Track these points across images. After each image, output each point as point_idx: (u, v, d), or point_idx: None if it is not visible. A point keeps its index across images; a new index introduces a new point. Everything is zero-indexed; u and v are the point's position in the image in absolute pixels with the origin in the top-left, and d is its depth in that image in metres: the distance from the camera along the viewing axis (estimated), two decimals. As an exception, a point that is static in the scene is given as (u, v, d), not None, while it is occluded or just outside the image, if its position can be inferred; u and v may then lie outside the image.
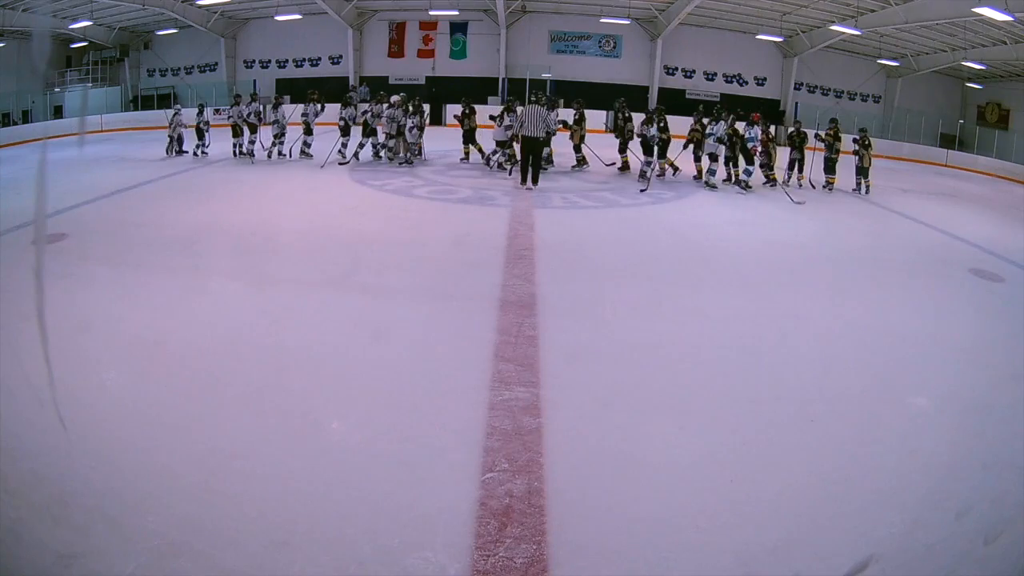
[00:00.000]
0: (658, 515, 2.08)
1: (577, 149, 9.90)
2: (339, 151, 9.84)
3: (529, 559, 1.84)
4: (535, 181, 8.08)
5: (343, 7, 17.65)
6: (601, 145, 10.22)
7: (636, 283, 4.68)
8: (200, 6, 16.94)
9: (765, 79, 19.18)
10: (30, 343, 1.63)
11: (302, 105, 10.27)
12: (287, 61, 19.56)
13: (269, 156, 10.22)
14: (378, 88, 17.63)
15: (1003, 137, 17.40)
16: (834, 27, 15.30)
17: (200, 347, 3.25)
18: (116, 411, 2.58)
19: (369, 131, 10.03)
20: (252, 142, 10.37)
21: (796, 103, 18.89)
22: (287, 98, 11.08)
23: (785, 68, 19.02)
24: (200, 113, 10.70)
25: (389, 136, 9.93)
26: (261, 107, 10.83)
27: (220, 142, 10.60)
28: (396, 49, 19.24)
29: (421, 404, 2.75)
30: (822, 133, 9.59)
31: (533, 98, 9.18)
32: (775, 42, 17.98)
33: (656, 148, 9.01)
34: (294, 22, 17.67)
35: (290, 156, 10.26)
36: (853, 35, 15.45)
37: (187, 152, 10.62)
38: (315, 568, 1.80)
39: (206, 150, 10.53)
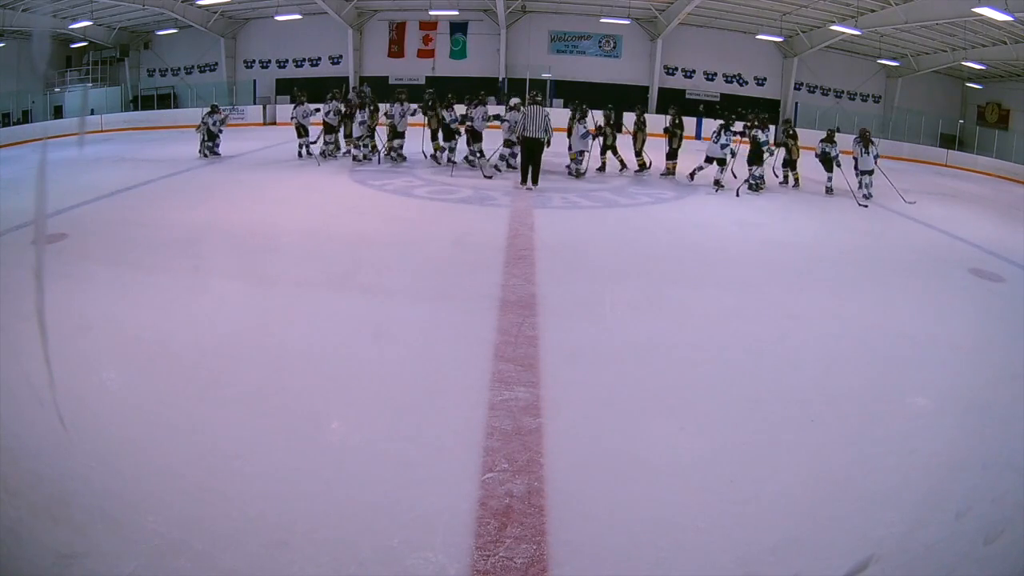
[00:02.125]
0: (658, 515, 2.08)
1: (613, 151, 9.88)
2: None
3: (529, 559, 1.84)
4: (535, 181, 8.08)
5: (343, 7, 17.66)
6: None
7: (636, 283, 4.68)
8: (200, 6, 16.95)
9: (765, 79, 19.19)
10: (30, 343, 1.63)
11: (387, 105, 9.92)
12: (287, 61, 19.57)
13: (355, 160, 9.70)
14: (378, 88, 17.67)
15: (1003, 137, 17.40)
16: (834, 27, 15.31)
17: (200, 347, 3.25)
18: (116, 411, 2.58)
19: (397, 134, 9.79)
20: (330, 143, 10.00)
21: (796, 103, 18.91)
22: (368, 91, 10.29)
23: (785, 68, 19.03)
24: (214, 112, 10.56)
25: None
26: (341, 106, 10.16)
27: (232, 142, 10.58)
28: (396, 49, 19.26)
29: (421, 404, 2.75)
30: (781, 133, 9.78)
31: (540, 98, 9.15)
32: (775, 42, 18.00)
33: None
34: (294, 22, 17.69)
35: (379, 162, 9.71)
36: (853, 35, 15.46)
37: (219, 153, 10.44)
38: (315, 568, 1.80)
39: (217, 151, 10.44)
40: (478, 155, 9.54)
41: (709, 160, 9.08)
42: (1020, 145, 16.62)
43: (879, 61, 17.81)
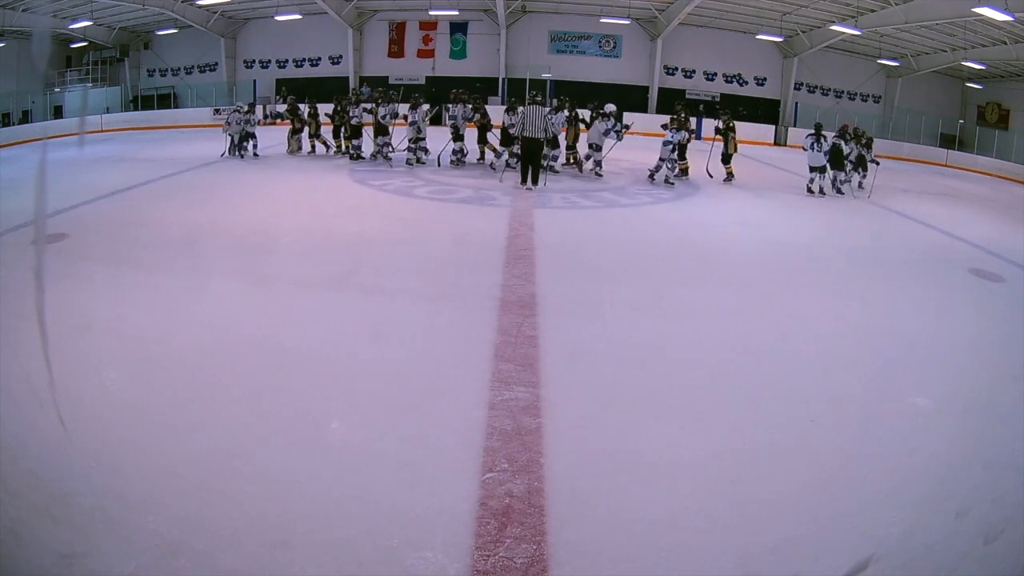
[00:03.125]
0: (658, 515, 2.08)
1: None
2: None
3: (529, 559, 1.84)
4: (535, 181, 8.08)
5: (343, 7, 17.66)
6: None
7: (636, 283, 4.68)
8: (200, 6, 16.96)
9: (765, 79, 19.20)
10: (30, 343, 1.63)
11: (452, 106, 9.89)
12: (287, 61, 19.58)
13: (409, 163, 9.59)
14: (378, 89, 17.65)
15: (1003, 137, 17.41)
16: (834, 27, 15.32)
17: (200, 347, 3.25)
18: (116, 411, 2.58)
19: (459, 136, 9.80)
20: (385, 144, 9.82)
21: (796, 103, 18.91)
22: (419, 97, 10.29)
23: (785, 68, 19.04)
24: (249, 111, 10.35)
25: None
26: (397, 108, 9.93)
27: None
28: (396, 49, 19.26)
29: (421, 404, 2.75)
30: (720, 125, 9.73)
31: (539, 98, 9.15)
32: (775, 42, 18.00)
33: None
34: (294, 22, 17.70)
35: (439, 163, 9.66)
36: (853, 35, 15.46)
37: (248, 153, 10.24)
38: (315, 568, 1.80)
39: (257, 152, 10.28)
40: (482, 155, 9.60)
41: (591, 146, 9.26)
42: (1020, 145, 16.63)
43: (879, 61, 17.82)
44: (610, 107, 9.32)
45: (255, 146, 10.36)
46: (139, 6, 15.36)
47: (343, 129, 10.51)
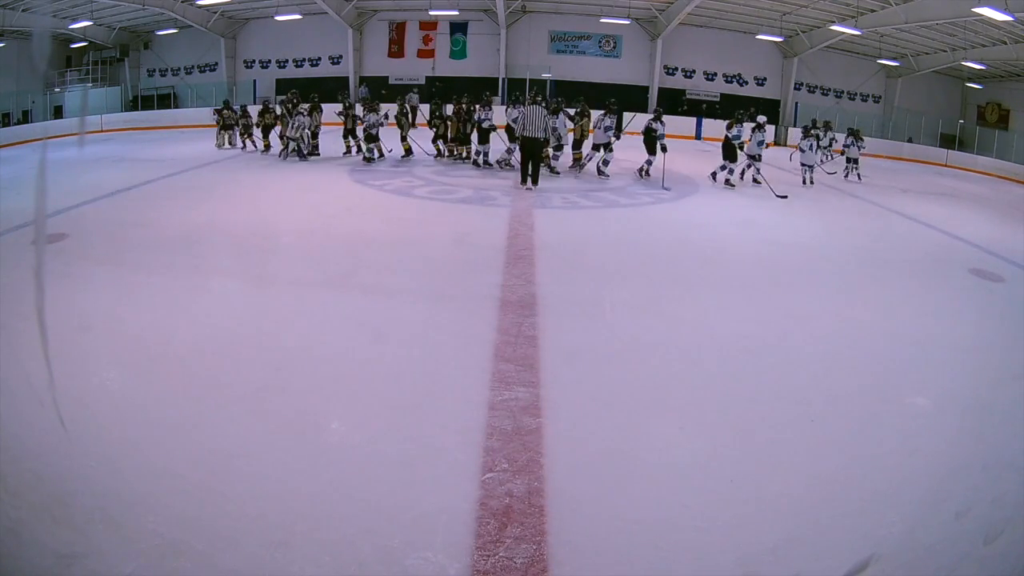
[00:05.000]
0: (658, 515, 2.08)
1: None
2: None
3: (529, 559, 1.84)
4: (535, 181, 8.08)
5: (343, 7, 17.65)
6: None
7: (636, 283, 4.68)
8: (200, 6, 16.95)
9: (765, 79, 19.19)
10: (30, 343, 1.63)
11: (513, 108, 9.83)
12: (287, 61, 19.57)
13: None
14: (378, 88, 17.66)
15: (1003, 137, 17.41)
16: (834, 27, 15.31)
17: (200, 347, 3.25)
18: (116, 411, 2.58)
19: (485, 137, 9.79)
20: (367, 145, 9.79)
21: (796, 103, 18.92)
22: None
23: (785, 68, 19.03)
24: (374, 110, 9.81)
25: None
26: (382, 119, 9.95)
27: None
28: (396, 49, 19.25)
29: (421, 404, 2.75)
30: (573, 112, 9.95)
31: (539, 98, 9.15)
32: (775, 42, 17.99)
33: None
34: (294, 22, 17.68)
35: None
36: (853, 35, 15.45)
37: (317, 156, 9.98)
38: (315, 568, 1.80)
39: (384, 152, 9.95)
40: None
41: (596, 147, 9.33)
42: (1020, 145, 16.63)
43: (879, 61, 17.81)
44: (629, 115, 9.39)
45: (305, 148, 10.10)
46: (139, 6, 15.35)
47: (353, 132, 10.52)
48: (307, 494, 2.11)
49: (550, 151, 9.22)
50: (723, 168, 9.29)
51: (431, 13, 17.64)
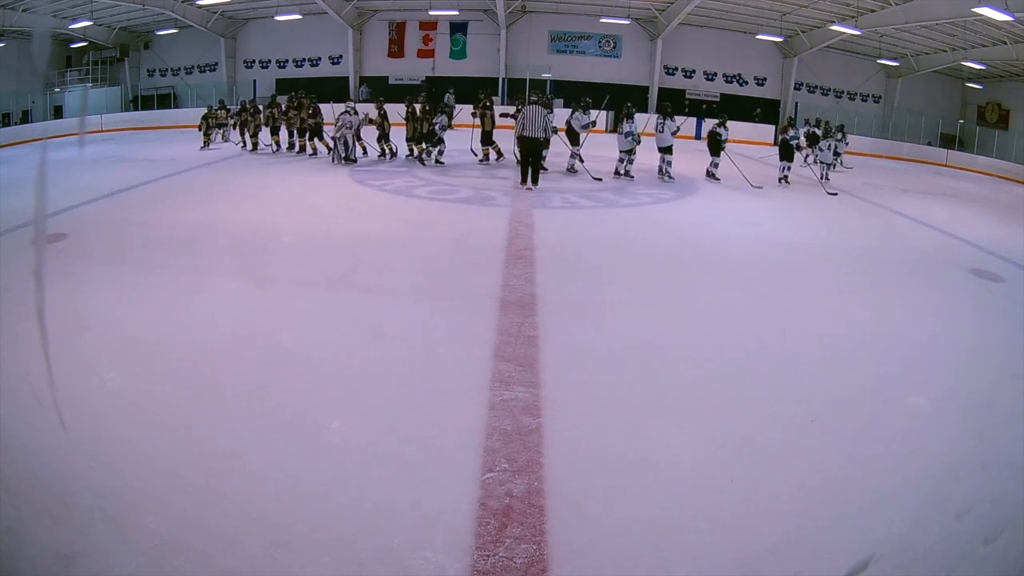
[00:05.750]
0: (658, 515, 2.08)
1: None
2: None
3: (529, 559, 1.84)
4: (535, 181, 8.08)
5: (343, 7, 17.66)
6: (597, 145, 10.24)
7: (636, 283, 4.68)
8: (200, 6, 16.96)
9: (765, 79, 19.20)
10: (30, 343, 1.64)
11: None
12: (287, 61, 19.58)
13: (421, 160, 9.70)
14: (379, 88, 17.64)
15: (1003, 137, 17.42)
16: (834, 27, 15.32)
17: (200, 347, 3.25)
18: (116, 411, 2.58)
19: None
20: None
21: (796, 103, 18.92)
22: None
23: (785, 68, 19.04)
24: (443, 112, 9.71)
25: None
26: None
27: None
28: (396, 49, 19.25)
29: (421, 404, 2.75)
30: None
31: (535, 98, 9.17)
32: (775, 42, 18.00)
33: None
34: (294, 22, 17.69)
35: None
36: (853, 35, 15.46)
37: (355, 160, 9.69)
38: (315, 568, 1.80)
39: (441, 159, 9.67)
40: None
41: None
42: (1020, 145, 16.64)
43: (879, 61, 17.82)
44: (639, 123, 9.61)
45: (348, 150, 9.79)
46: (139, 6, 15.35)
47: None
48: (307, 494, 2.11)
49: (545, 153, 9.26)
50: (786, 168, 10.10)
51: (431, 13, 17.65)
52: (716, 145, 9.75)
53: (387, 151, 10.36)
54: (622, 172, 9.43)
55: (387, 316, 3.84)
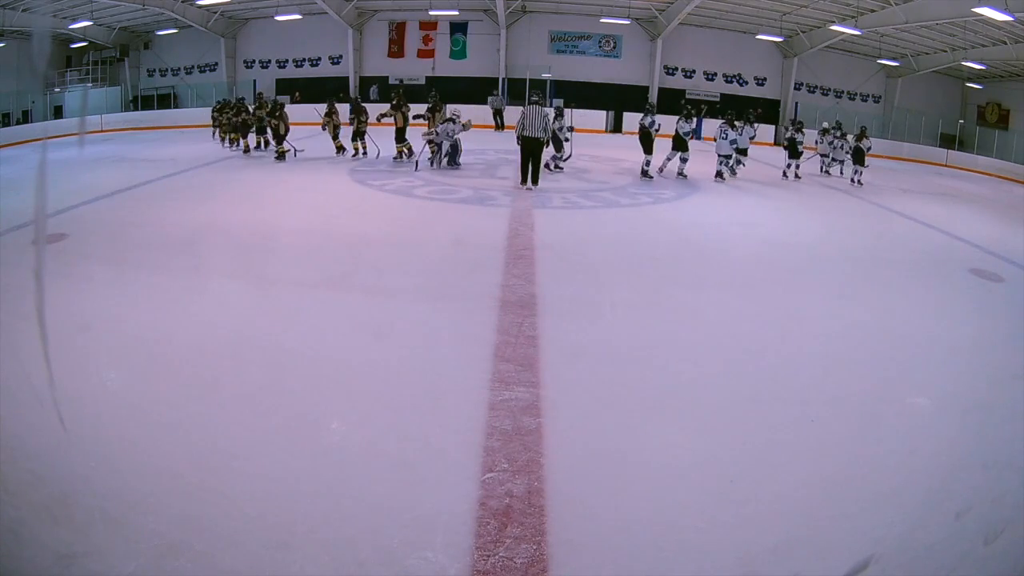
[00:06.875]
0: (658, 515, 2.08)
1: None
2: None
3: (529, 559, 1.84)
4: (535, 181, 8.08)
5: (343, 7, 17.65)
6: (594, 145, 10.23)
7: (636, 283, 4.68)
8: (200, 6, 16.96)
9: (765, 79, 19.20)
10: (30, 343, 1.63)
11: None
12: (287, 61, 19.57)
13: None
14: (379, 88, 17.62)
15: (1003, 137, 17.42)
16: (834, 27, 15.31)
17: (200, 347, 3.25)
18: (116, 411, 2.58)
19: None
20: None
21: (796, 103, 18.92)
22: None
23: (785, 68, 19.04)
24: (453, 120, 9.34)
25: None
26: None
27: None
28: (396, 49, 19.25)
29: (421, 404, 2.75)
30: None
31: (535, 98, 9.17)
32: (775, 42, 18.00)
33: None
34: (294, 22, 17.69)
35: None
36: (853, 35, 15.46)
37: (458, 165, 9.40)
38: (315, 568, 1.80)
39: (561, 165, 9.41)
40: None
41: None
42: (1020, 145, 16.64)
43: (879, 61, 17.82)
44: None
45: (455, 155, 9.52)
46: (139, 6, 15.35)
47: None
48: (307, 494, 2.11)
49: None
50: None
51: (431, 13, 17.65)
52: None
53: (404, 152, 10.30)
54: (724, 175, 9.72)
55: (387, 316, 3.84)
